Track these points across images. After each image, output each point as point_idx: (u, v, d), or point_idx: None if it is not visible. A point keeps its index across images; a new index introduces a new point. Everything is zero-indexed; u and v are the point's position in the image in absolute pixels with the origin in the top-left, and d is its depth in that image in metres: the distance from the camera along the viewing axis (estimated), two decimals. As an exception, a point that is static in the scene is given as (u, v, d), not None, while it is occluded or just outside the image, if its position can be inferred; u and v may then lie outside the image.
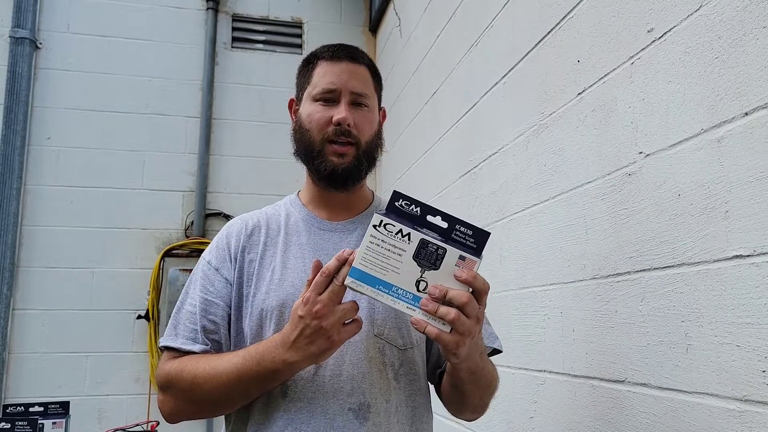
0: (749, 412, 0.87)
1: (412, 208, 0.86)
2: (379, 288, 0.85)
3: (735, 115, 0.92)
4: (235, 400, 1.00)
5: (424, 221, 0.87)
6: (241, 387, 0.96)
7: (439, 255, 0.84)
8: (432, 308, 0.83)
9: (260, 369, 0.93)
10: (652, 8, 1.12)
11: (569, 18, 1.42)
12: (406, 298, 0.84)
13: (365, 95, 1.12)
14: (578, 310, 1.34)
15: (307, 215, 1.14)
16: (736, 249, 0.90)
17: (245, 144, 3.60)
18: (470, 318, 0.83)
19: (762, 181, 0.86)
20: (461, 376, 0.98)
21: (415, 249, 0.84)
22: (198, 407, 1.03)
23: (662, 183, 1.08)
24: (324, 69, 1.12)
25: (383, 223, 0.85)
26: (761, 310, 0.85)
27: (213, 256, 1.12)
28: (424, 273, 0.84)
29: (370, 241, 0.85)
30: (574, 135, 1.38)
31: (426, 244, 0.84)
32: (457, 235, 0.86)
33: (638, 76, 1.16)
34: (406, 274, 0.84)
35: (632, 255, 1.15)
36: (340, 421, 0.98)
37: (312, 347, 0.88)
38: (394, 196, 0.86)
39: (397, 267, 0.85)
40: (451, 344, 0.84)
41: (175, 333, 1.06)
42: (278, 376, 0.94)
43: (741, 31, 0.91)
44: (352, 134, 1.08)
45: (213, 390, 0.97)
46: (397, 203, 0.86)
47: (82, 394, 3.15)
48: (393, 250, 0.85)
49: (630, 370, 1.15)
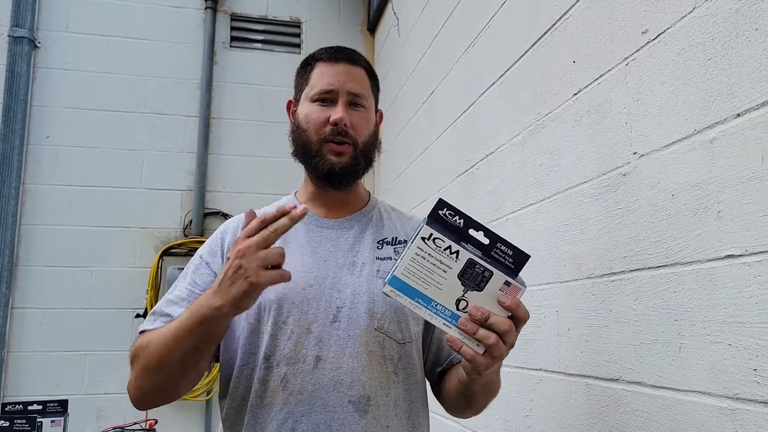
0: (740, 410, 0.88)
1: (455, 220, 0.84)
2: (417, 300, 0.83)
3: (727, 116, 0.93)
4: (182, 363, 0.95)
5: (466, 235, 0.84)
6: (182, 345, 0.92)
7: (485, 277, 0.83)
8: (471, 329, 0.82)
9: (192, 318, 0.90)
10: (646, 10, 1.13)
11: (565, 19, 1.42)
12: (444, 314, 0.83)
13: (362, 96, 1.13)
14: (573, 309, 1.35)
15: None
16: (728, 249, 0.91)
17: (244, 143, 3.60)
18: (506, 345, 0.83)
19: (753, 182, 0.87)
20: (474, 388, 1.00)
21: (462, 268, 0.83)
22: (155, 382, 0.98)
23: (656, 183, 1.08)
24: (321, 70, 1.13)
25: (432, 236, 0.82)
26: (752, 309, 0.86)
27: (205, 251, 1.13)
28: (466, 293, 0.83)
29: (416, 253, 0.83)
30: (569, 135, 1.39)
31: (473, 265, 0.82)
32: (497, 253, 0.84)
33: (633, 77, 1.16)
34: (448, 291, 0.83)
35: (627, 254, 1.16)
36: (340, 413, 1.00)
37: (232, 289, 0.85)
38: (439, 205, 0.84)
39: (439, 283, 0.83)
40: (483, 366, 0.83)
41: (153, 319, 1.06)
42: (207, 323, 0.89)
43: (733, 32, 0.92)
44: (348, 134, 1.10)
45: (157, 350, 0.95)
46: (441, 212, 0.84)
47: (81, 393, 3.16)
48: (439, 265, 0.83)
49: (624, 368, 1.15)
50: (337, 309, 1.05)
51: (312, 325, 1.04)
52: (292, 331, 1.03)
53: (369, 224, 1.16)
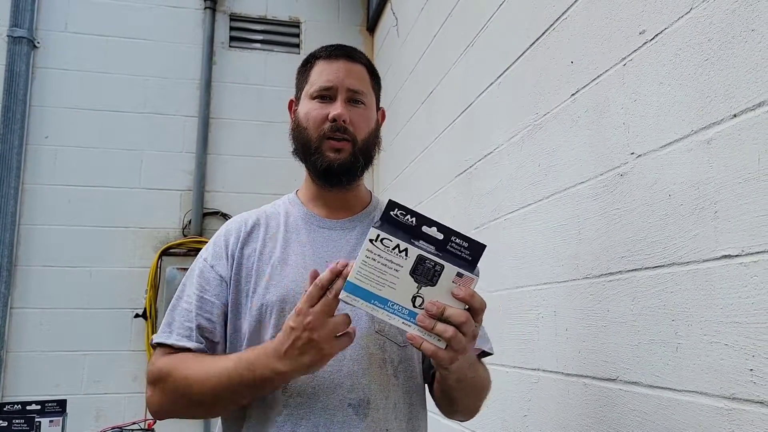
0: (737, 410, 0.88)
1: (407, 219, 0.84)
2: (374, 303, 0.83)
3: (724, 116, 0.93)
4: (224, 404, 0.99)
5: (420, 232, 0.85)
6: (231, 392, 0.96)
7: (437, 271, 0.83)
8: (429, 324, 0.82)
9: (252, 376, 0.93)
10: (644, 10, 1.13)
11: (563, 19, 1.43)
12: (402, 313, 0.83)
13: (362, 93, 1.13)
14: (571, 309, 1.35)
15: (306, 213, 1.15)
16: (724, 249, 0.92)
17: (243, 143, 3.60)
18: (466, 336, 0.84)
19: (750, 182, 0.87)
20: (450, 384, 1.00)
21: (413, 265, 0.83)
22: (186, 407, 1.02)
23: (653, 183, 1.09)
24: (321, 68, 1.13)
25: (380, 237, 0.83)
26: (749, 309, 0.87)
27: (210, 254, 1.12)
28: (420, 289, 0.83)
29: (366, 256, 0.83)
30: (567, 135, 1.39)
31: (423, 260, 0.83)
32: (452, 246, 0.84)
33: (630, 77, 1.17)
34: (403, 290, 0.83)
35: (624, 255, 1.16)
36: (339, 416, 0.99)
37: (303, 358, 0.88)
38: (389, 206, 0.85)
39: (393, 282, 0.83)
40: (446, 360, 0.84)
41: (169, 330, 1.06)
42: (269, 384, 0.94)
43: (730, 33, 0.92)
44: (348, 131, 1.09)
45: (203, 392, 0.97)
46: (392, 213, 0.84)
47: (80, 393, 3.16)
48: (389, 265, 0.83)
49: (621, 368, 1.16)
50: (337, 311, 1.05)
51: None
52: None
53: (370, 225, 1.16)
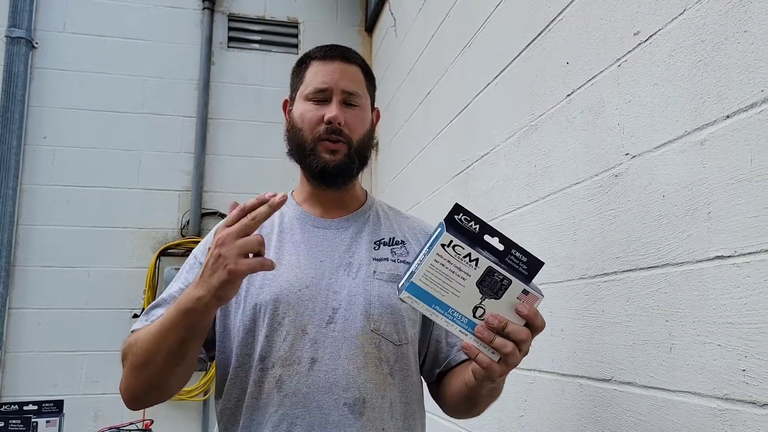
0: (730, 411, 0.88)
1: (471, 225, 0.83)
2: (434, 307, 0.83)
3: (717, 117, 0.93)
4: (161, 353, 0.93)
5: (482, 240, 0.84)
6: (163, 336, 0.91)
7: (503, 285, 0.82)
8: (487, 337, 0.82)
9: (175, 311, 0.89)
10: (638, 11, 1.14)
11: (558, 20, 1.43)
12: (461, 322, 0.83)
13: (357, 94, 1.13)
14: (567, 309, 1.35)
15: (301, 213, 1.15)
16: (717, 250, 0.92)
17: (241, 143, 3.61)
18: (522, 353, 0.84)
19: (742, 183, 0.87)
20: (482, 392, 0.99)
21: (481, 276, 0.82)
22: (137, 373, 0.97)
23: (648, 184, 1.09)
24: (316, 69, 1.13)
25: (452, 243, 0.81)
26: (741, 310, 0.87)
27: (200, 251, 1.13)
28: (484, 300, 0.83)
29: (435, 260, 0.82)
30: (563, 136, 1.40)
31: (492, 273, 0.82)
32: (511, 259, 0.84)
33: (625, 78, 1.17)
34: (466, 298, 0.83)
35: (619, 255, 1.17)
36: (335, 415, 0.99)
37: (213, 279, 0.84)
38: (455, 209, 0.83)
39: (457, 290, 0.82)
40: (497, 374, 0.83)
41: (146, 319, 1.05)
42: (190, 315, 0.88)
43: (723, 34, 0.93)
44: (343, 133, 1.09)
45: (143, 346, 0.94)
46: (457, 217, 0.83)
47: (78, 393, 3.16)
48: (457, 272, 0.82)
49: (616, 368, 1.16)
50: (332, 310, 1.05)
51: (307, 327, 1.04)
52: (287, 332, 1.03)
53: (366, 224, 1.16)
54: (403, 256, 1.12)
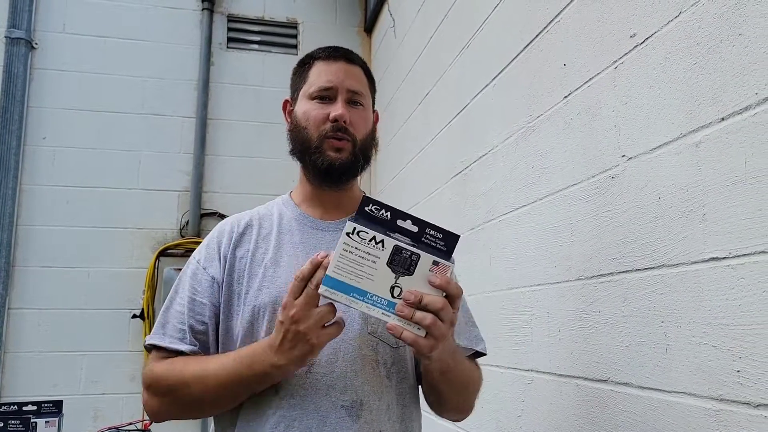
0: (724, 411, 0.89)
1: (382, 213, 0.87)
2: (353, 295, 0.85)
3: (712, 120, 0.94)
4: (223, 402, 1.01)
5: (395, 225, 0.87)
6: (230, 389, 0.97)
7: (413, 261, 0.85)
8: (408, 313, 0.84)
9: (251, 372, 0.94)
10: (634, 14, 1.14)
11: (556, 22, 1.43)
12: (381, 304, 0.85)
13: (361, 94, 1.13)
14: (564, 310, 1.36)
15: (299, 214, 1.16)
16: (712, 251, 0.92)
17: (241, 144, 3.61)
18: (445, 323, 0.85)
19: (737, 185, 0.88)
20: (434, 376, 1.00)
21: (389, 256, 0.85)
22: (184, 409, 1.04)
23: (644, 186, 1.09)
24: (320, 68, 1.13)
25: (356, 230, 0.85)
26: (736, 311, 0.87)
27: (202, 255, 1.13)
28: (398, 279, 0.85)
29: (344, 249, 0.85)
30: (560, 137, 1.40)
31: (400, 251, 0.85)
32: (427, 238, 0.87)
33: (621, 80, 1.17)
34: (381, 281, 0.85)
35: (615, 256, 1.17)
36: (332, 418, 0.99)
37: (294, 351, 0.90)
38: (364, 201, 0.87)
39: (371, 274, 0.85)
40: (426, 348, 0.85)
41: (162, 332, 1.07)
42: (268, 378, 0.95)
43: (718, 37, 0.93)
44: (348, 131, 1.10)
45: (202, 392, 0.99)
46: (367, 208, 0.87)
47: (78, 393, 3.17)
48: (366, 257, 0.85)
49: (613, 369, 1.16)
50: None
51: None
52: None
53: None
54: None
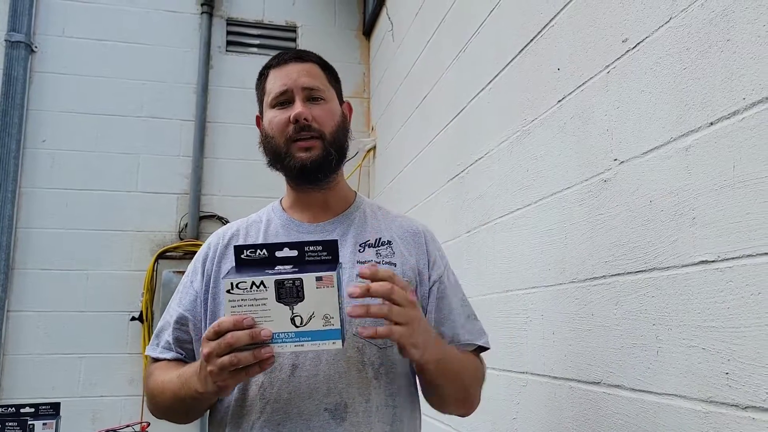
0: (714, 413, 0.90)
1: (258, 253, 0.87)
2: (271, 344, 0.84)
3: (701, 124, 0.94)
4: (181, 412, 1.07)
5: (275, 259, 0.87)
6: (180, 403, 1.03)
7: (298, 287, 0.84)
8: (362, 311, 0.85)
9: (185, 392, 0.99)
10: (626, 19, 1.15)
11: (550, 27, 1.44)
12: (290, 337, 0.84)
13: (317, 89, 1.13)
14: (558, 313, 1.36)
15: (286, 220, 1.16)
16: (702, 255, 0.93)
17: (239, 147, 3.62)
18: (403, 305, 0.86)
19: (726, 189, 0.89)
20: (430, 369, 0.99)
21: (275, 292, 0.84)
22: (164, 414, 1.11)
23: (635, 190, 1.10)
24: (274, 75, 1.14)
25: (233, 284, 0.83)
26: (724, 314, 0.88)
27: (191, 269, 1.17)
28: (293, 308, 0.84)
29: (232, 307, 0.84)
30: (554, 141, 1.41)
31: (282, 283, 0.84)
32: (310, 255, 0.87)
33: (614, 84, 1.18)
34: (279, 318, 0.84)
35: (608, 259, 1.18)
36: (316, 421, 0.99)
37: (207, 383, 0.90)
38: (236, 251, 0.87)
39: (268, 316, 0.84)
40: (405, 336, 0.86)
41: (156, 342, 1.14)
42: (200, 401, 0.99)
43: (707, 43, 0.94)
44: (312, 128, 1.09)
45: (164, 402, 1.07)
46: (242, 256, 0.87)
47: (76, 396, 3.17)
48: (255, 303, 0.84)
49: (605, 371, 1.17)
50: None
51: None
52: None
53: (351, 226, 1.15)
54: (389, 257, 1.12)
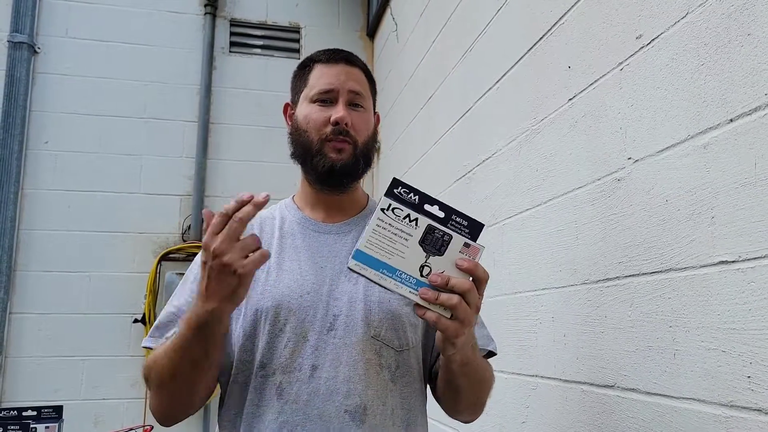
0: (735, 418, 0.87)
1: (410, 196, 0.86)
2: (382, 272, 0.84)
3: (720, 121, 0.92)
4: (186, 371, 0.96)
5: (422, 210, 0.87)
6: (184, 354, 0.94)
7: (445, 241, 0.85)
8: (432, 297, 0.83)
9: (190, 328, 0.91)
10: (640, 15, 1.13)
11: (560, 24, 1.42)
12: (410, 282, 0.84)
13: (362, 95, 1.12)
14: (569, 315, 1.34)
15: (302, 218, 1.15)
16: (721, 255, 0.91)
17: (243, 148, 3.61)
18: (471, 306, 0.84)
19: (746, 187, 0.86)
20: (454, 369, 0.97)
21: (422, 234, 0.85)
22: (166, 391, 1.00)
23: (650, 189, 1.08)
24: (321, 71, 1.13)
25: (391, 206, 0.85)
26: (746, 315, 0.86)
27: (202, 261, 1.12)
28: (428, 258, 0.85)
29: (377, 224, 0.84)
30: (565, 140, 1.39)
31: (433, 230, 0.85)
32: (452, 225, 0.86)
33: (627, 82, 1.16)
34: (411, 259, 0.84)
35: (621, 260, 1.16)
36: (336, 423, 0.98)
37: (222, 288, 0.85)
38: (393, 184, 0.86)
39: (402, 251, 0.84)
40: (451, 330, 0.84)
41: (158, 334, 1.07)
42: (207, 330, 0.90)
43: (726, 38, 0.92)
44: (349, 134, 1.09)
45: (168, 367, 0.96)
46: (396, 191, 0.86)
47: (79, 398, 3.15)
48: (400, 234, 0.84)
49: (619, 375, 1.15)
50: (333, 317, 1.04)
51: (308, 334, 1.03)
52: (288, 339, 1.02)
53: None
54: None
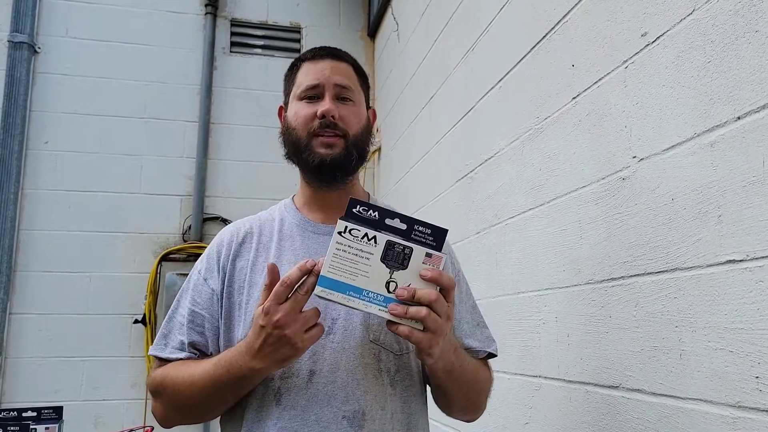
0: (743, 419, 0.86)
1: (370, 213, 0.88)
2: (349, 294, 0.85)
3: (728, 119, 0.91)
4: (213, 405, 1.01)
5: (383, 224, 0.88)
6: (215, 393, 0.98)
7: (406, 255, 0.86)
8: (401, 311, 0.84)
9: (230, 376, 0.94)
10: (645, 12, 1.12)
11: (564, 22, 1.41)
12: (378, 300, 0.85)
13: (349, 88, 1.12)
14: (573, 315, 1.33)
15: (300, 219, 1.14)
16: (729, 254, 0.90)
17: (243, 148, 3.60)
18: (441, 316, 0.85)
19: (754, 186, 0.86)
20: (439, 376, 0.99)
21: (383, 251, 0.86)
22: (183, 413, 1.05)
23: (656, 187, 1.07)
24: (307, 68, 1.13)
25: (348, 228, 0.86)
26: (754, 315, 0.85)
27: (203, 266, 1.12)
28: (393, 274, 0.86)
29: (336, 248, 0.85)
30: (568, 139, 1.38)
31: (392, 245, 0.86)
32: (416, 235, 0.87)
33: (632, 80, 1.15)
34: (376, 277, 0.85)
35: (626, 260, 1.15)
36: (334, 429, 0.97)
37: (276, 355, 0.89)
38: (351, 204, 0.88)
39: (365, 271, 0.85)
40: (425, 342, 0.85)
41: (164, 343, 1.08)
42: (248, 382, 0.95)
43: (733, 35, 0.91)
44: (338, 126, 1.08)
45: (191, 397, 1.00)
46: (354, 209, 0.88)
47: (79, 399, 3.14)
48: (360, 254, 0.86)
49: (624, 375, 1.14)
50: (332, 321, 1.03)
51: None
52: None
53: None
54: None
